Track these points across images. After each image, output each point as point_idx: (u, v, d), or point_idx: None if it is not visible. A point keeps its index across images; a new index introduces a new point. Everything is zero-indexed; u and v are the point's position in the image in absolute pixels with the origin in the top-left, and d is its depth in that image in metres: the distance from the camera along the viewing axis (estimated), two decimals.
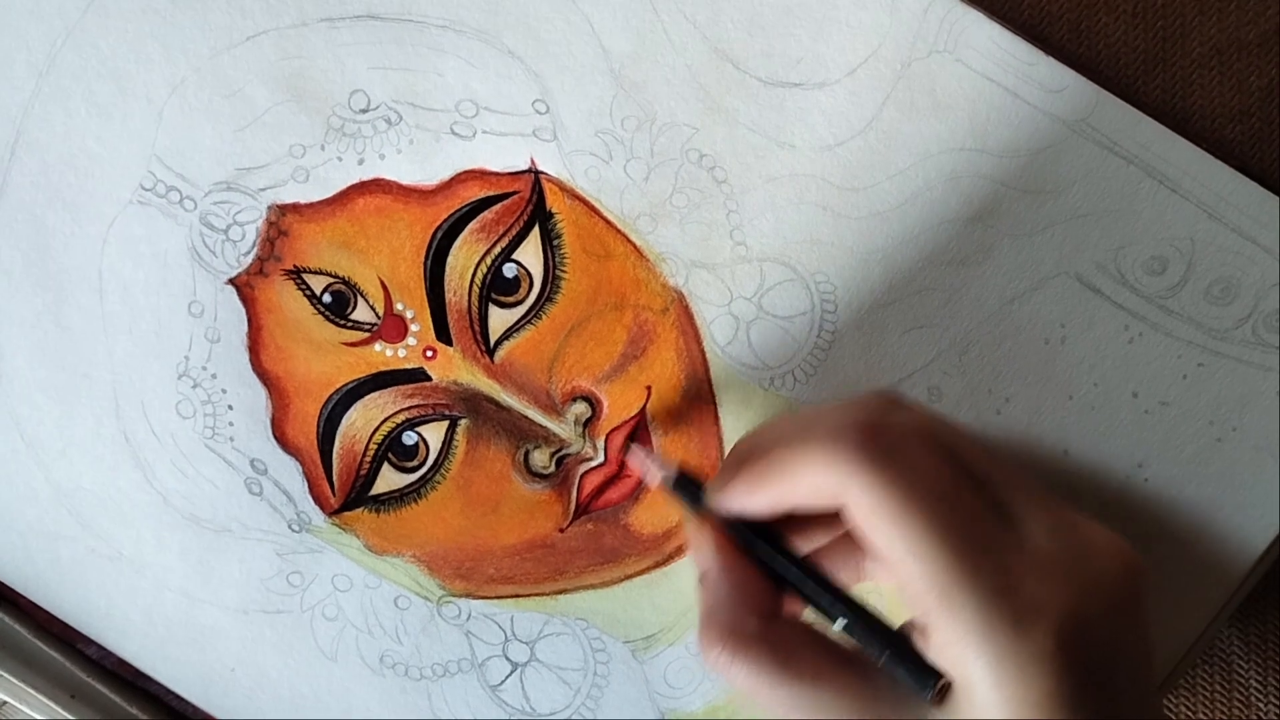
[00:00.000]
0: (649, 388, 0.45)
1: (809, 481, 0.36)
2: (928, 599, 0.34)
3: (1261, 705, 0.48)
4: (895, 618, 0.37)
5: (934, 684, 0.35)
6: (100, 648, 0.47)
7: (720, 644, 0.36)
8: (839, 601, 0.37)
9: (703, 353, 0.45)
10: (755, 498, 0.38)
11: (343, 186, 0.45)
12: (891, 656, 0.36)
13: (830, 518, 0.37)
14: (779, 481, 0.37)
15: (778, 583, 0.39)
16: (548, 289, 0.45)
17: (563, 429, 0.45)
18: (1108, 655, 0.34)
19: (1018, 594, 0.33)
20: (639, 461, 0.44)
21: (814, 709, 0.36)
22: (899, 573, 0.34)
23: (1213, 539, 0.45)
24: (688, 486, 0.41)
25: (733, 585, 0.38)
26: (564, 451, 0.45)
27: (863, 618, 0.37)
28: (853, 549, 0.40)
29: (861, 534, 0.35)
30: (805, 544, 0.41)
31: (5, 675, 0.47)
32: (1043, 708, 0.33)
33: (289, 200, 0.45)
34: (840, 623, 0.37)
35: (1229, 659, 0.48)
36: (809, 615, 0.39)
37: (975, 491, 0.35)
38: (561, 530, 0.46)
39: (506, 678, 0.47)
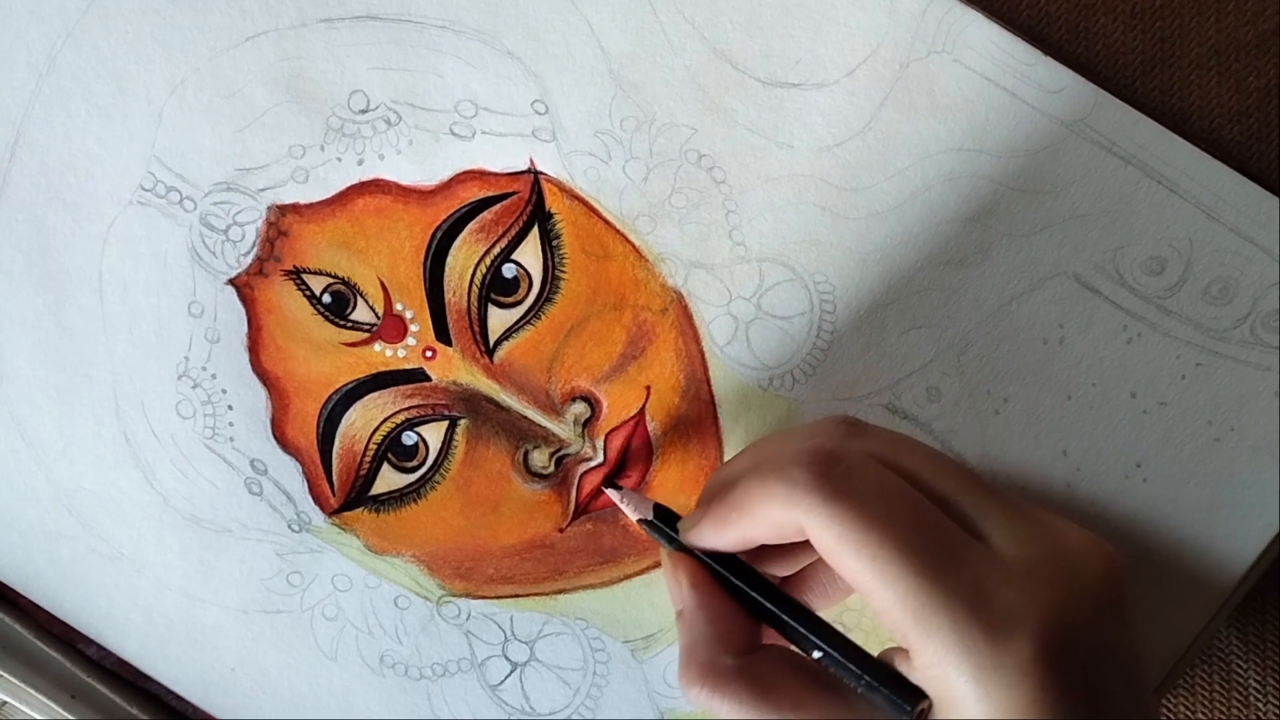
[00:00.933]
0: (648, 388, 0.45)
1: (769, 519, 0.36)
2: (903, 624, 0.33)
3: (1260, 705, 0.48)
4: (884, 635, 0.37)
5: (913, 707, 0.35)
6: (100, 648, 0.47)
7: (700, 682, 0.37)
8: (813, 632, 0.37)
9: (702, 353, 0.45)
10: (722, 535, 0.38)
11: (342, 187, 0.45)
12: (869, 683, 0.36)
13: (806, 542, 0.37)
14: (740, 520, 0.37)
15: (755, 614, 0.39)
16: (547, 289, 0.45)
17: (562, 429, 0.45)
18: (1093, 656, 0.34)
19: (992, 606, 0.33)
20: (616, 500, 0.44)
21: None
22: (871, 600, 0.34)
23: (1211, 539, 0.45)
24: (664, 523, 0.41)
25: (709, 621, 0.38)
26: (563, 452, 0.46)
27: (838, 646, 0.37)
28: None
29: (831, 564, 0.35)
30: (792, 564, 0.41)
31: (6, 675, 0.47)
32: (1029, 713, 0.33)
33: (289, 201, 0.45)
34: (816, 654, 0.37)
35: (1228, 659, 0.48)
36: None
37: (938, 510, 0.35)
38: (561, 530, 0.46)
39: (506, 677, 0.47)
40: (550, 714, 0.47)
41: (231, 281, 0.45)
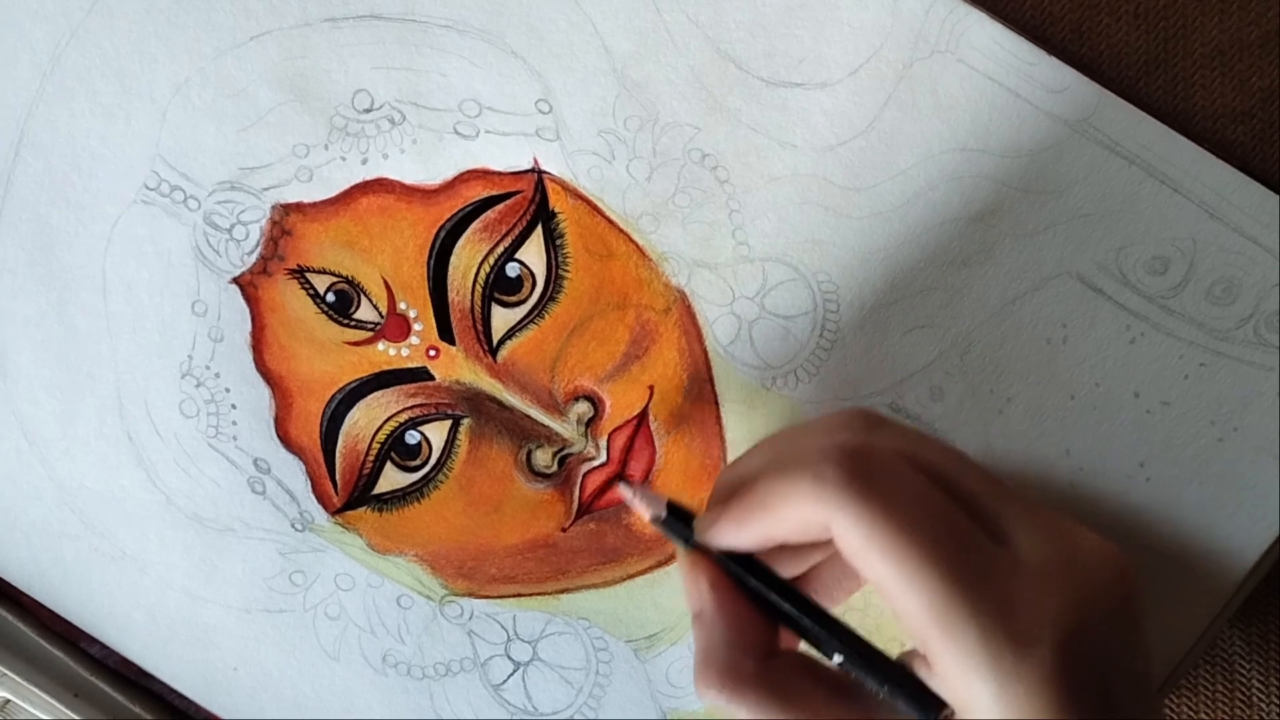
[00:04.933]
0: (651, 387, 0.45)
1: (795, 516, 0.35)
2: (928, 629, 0.33)
3: (1263, 705, 0.48)
4: (889, 634, 0.37)
5: (935, 714, 0.34)
6: (103, 646, 0.47)
7: (717, 686, 0.36)
8: (835, 636, 0.37)
9: (705, 352, 0.45)
10: (743, 534, 0.37)
11: (346, 186, 0.45)
12: (891, 688, 0.35)
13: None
14: (765, 517, 0.36)
15: (773, 616, 0.38)
16: (550, 288, 0.45)
17: (565, 428, 0.45)
18: (1106, 664, 0.34)
19: (1016, 614, 0.33)
20: (629, 498, 0.43)
21: None
22: (896, 604, 0.34)
23: (1214, 539, 0.45)
24: (679, 522, 0.40)
25: (728, 624, 0.37)
26: (566, 451, 0.46)
27: (860, 650, 0.36)
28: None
29: (854, 565, 0.34)
30: (801, 563, 0.41)
31: (9, 674, 0.47)
32: None
33: (293, 200, 0.45)
34: (837, 658, 0.37)
35: (1230, 659, 0.48)
36: (807, 647, 0.39)
37: (964, 512, 0.35)
38: (564, 530, 0.46)
39: (509, 677, 0.47)
40: (553, 714, 0.47)
41: (235, 280, 0.45)
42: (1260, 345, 0.44)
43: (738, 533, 0.37)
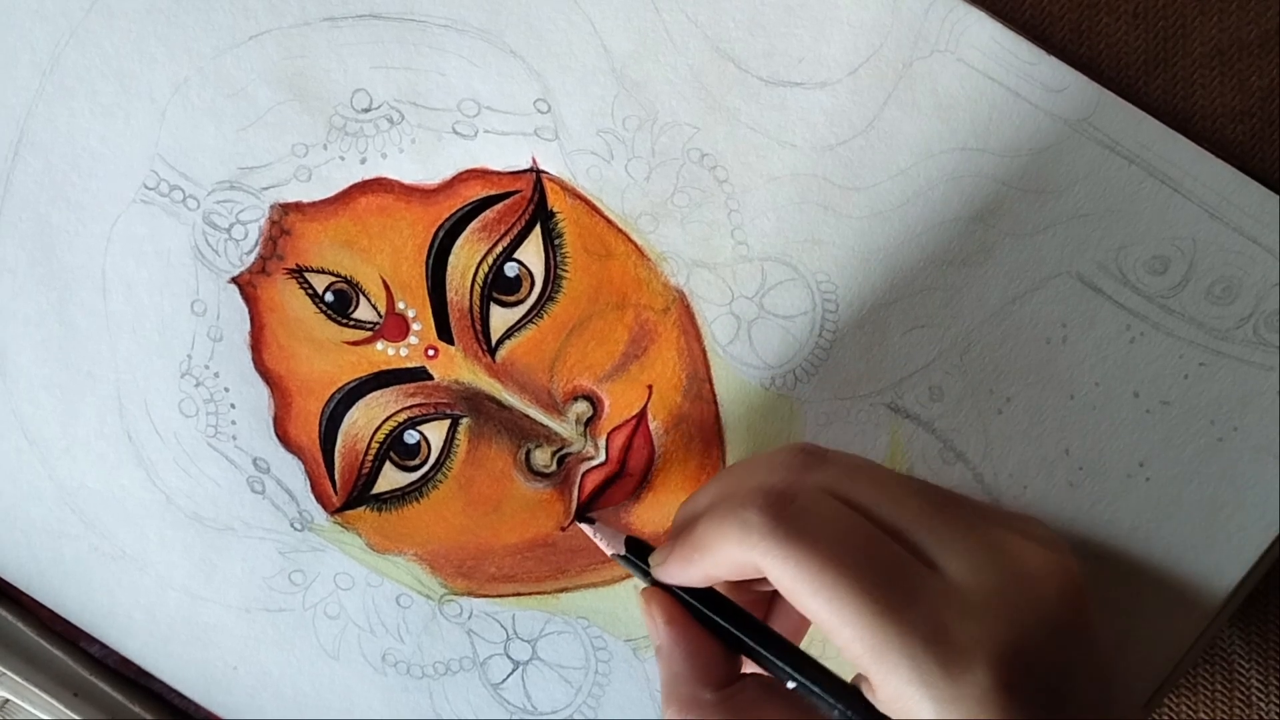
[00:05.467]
0: (650, 387, 0.45)
1: (728, 559, 0.36)
2: (863, 660, 0.34)
3: (1263, 705, 0.48)
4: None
5: None
6: (103, 646, 0.48)
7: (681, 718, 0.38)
8: (787, 663, 0.38)
9: (704, 352, 0.45)
10: (689, 572, 0.38)
11: (345, 185, 0.45)
12: (842, 713, 0.36)
13: None
14: (703, 559, 0.37)
15: (733, 645, 0.39)
16: (549, 288, 0.45)
17: (564, 428, 0.45)
18: (1055, 678, 0.34)
19: (948, 638, 0.33)
20: (590, 534, 0.44)
21: None
22: (832, 637, 0.34)
23: (1214, 538, 0.45)
24: (637, 556, 0.42)
25: (686, 657, 0.38)
26: (565, 451, 0.46)
27: (813, 676, 0.37)
28: None
29: (790, 601, 0.35)
30: (764, 585, 0.41)
31: (8, 673, 0.47)
32: None
33: (291, 199, 0.45)
34: (790, 685, 0.38)
35: (1230, 659, 0.48)
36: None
37: (892, 544, 0.35)
38: (563, 529, 0.46)
39: (508, 676, 0.47)
40: (552, 713, 0.47)
41: (234, 280, 0.45)
42: (1260, 345, 0.44)
43: (684, 571, 0.38)
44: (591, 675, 0.47)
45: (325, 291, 0.45)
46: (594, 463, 0.46)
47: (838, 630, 0.34)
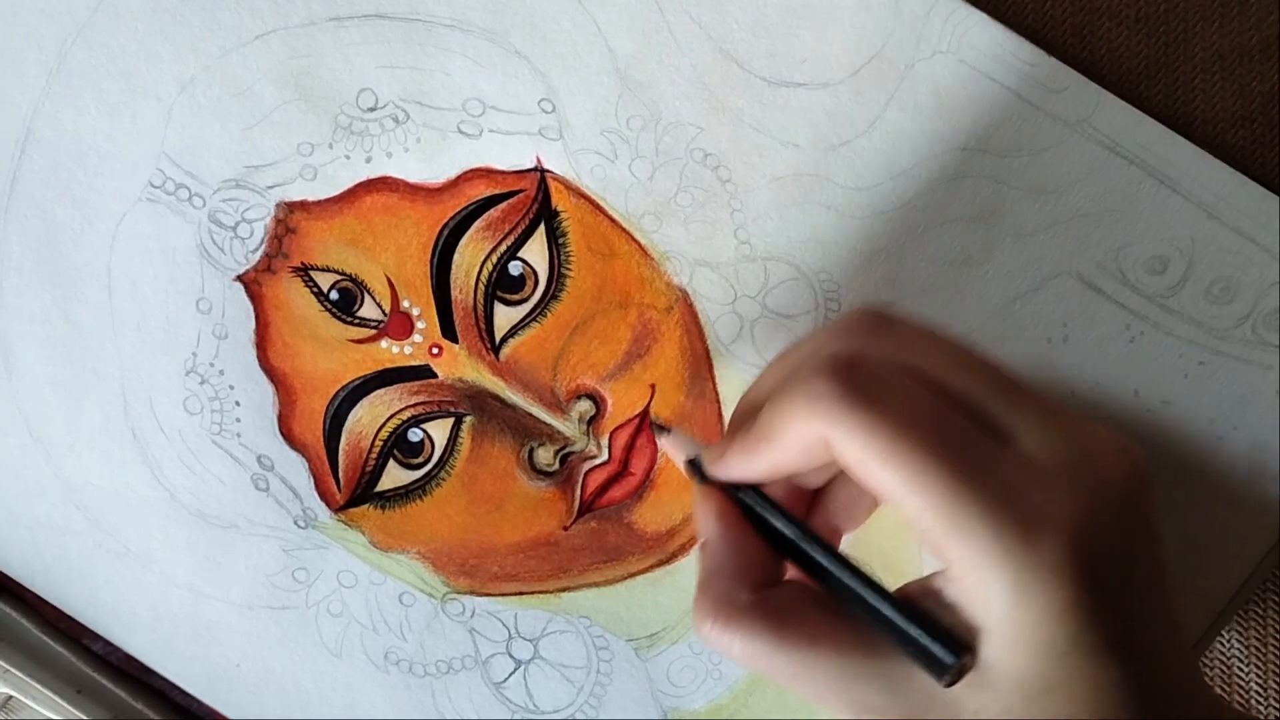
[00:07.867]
0: (653, 386, 0.46)
1: (796, 438, 0.34)
2: (936, 528, 0.32)
3: (1262, 707, 0.48)
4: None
5: (957, 656, 0.33)
6: (107, 643, 0.48)
7: (711, 617, 0.35)
8: (840, 569, 0.35)
9: (707, 351, 0.45)
10: (750, 466, 0.36)
11: (350, 184, 0.45)
12: (902, 633, 0.33)
13: None
14: (770, 447, 0.35)
15: (781, 549, 0.37)
16: (553, 287, 0.45)
17: (567, 427, 0.46)
18: (1122, 555, 0.33)
19: (1025, 505, 0.32)
20: (661, 441, 0.43)
21: (814, 672, 0.34)
22: (903, 508, 0.33)
23: (1213, 539, 0.45)
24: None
25: (728, 553, 0.36)
26: (568, 449, 0.46)
27: (865, 582, 0.35)
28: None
29: (858, 478, 0.33)
30: (814, 478, 0.40)
31: (12, 670, 0.47)
32: (1065, 620, 0.32)
33: (297, 198, 0.45)
34: (844, 587, 0.35)
35: (1229, 661, 0.48)
36: None
37: (965, 414, 0.34)
38: (565, 528, 0.46)
39: (510, 675, 0.47)
40: (554, 712, 0.47)
41: (240, 278, 0.45)
42: (1259, 344, 0.44)
43: (745, 465, 0.36)
44: (593, 675, 0.47)
45: (330, 290, 0.45)
46: (597, 461, 0.46)
47: (910, 499, 0.32)
